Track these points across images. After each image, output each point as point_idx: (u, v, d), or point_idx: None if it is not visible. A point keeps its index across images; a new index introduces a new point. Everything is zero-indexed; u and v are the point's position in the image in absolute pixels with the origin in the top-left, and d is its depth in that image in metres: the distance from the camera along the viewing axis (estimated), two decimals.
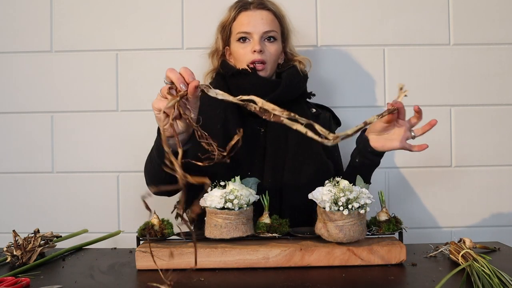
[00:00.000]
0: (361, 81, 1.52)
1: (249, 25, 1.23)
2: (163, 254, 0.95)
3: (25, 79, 1.54)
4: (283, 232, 1.02)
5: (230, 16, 1.27)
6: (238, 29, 1.25)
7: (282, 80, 1.25)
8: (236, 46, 1.26)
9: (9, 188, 1.54)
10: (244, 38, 1.25)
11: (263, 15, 1.24)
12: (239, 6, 1.27)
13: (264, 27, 1.23)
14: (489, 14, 1.52)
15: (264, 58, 1.23)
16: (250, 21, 1.24)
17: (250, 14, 1.25)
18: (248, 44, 1.24)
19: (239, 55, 1.26)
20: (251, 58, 1.23)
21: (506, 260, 1.01)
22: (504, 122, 1.53)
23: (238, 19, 1.26)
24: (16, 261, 1.02)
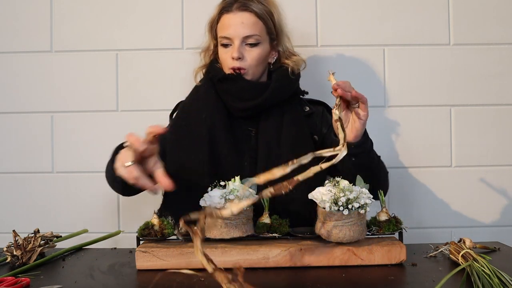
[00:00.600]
0: (361, 81, 1.52)
1: (229, 29, 1.19)
2: (163, 254, 0.95)
3: (25, 79, 1.54)
4: (283, 232, 1.02)
5: (215, 15, 1.24)
6: (220, 33, 1.21)
7: (271, 83, 1.22)
8: (220, 50, 1.23)
9: (9, 188, 1.54)
10: (225, 44, 1.21)
11: (244, 18, 1.18)
12: (222, 7, 1.22)
13: (244, 32, 1.18)
14: (489, 14, 1.52)
15: (243, 65, 1.19)
16: (230, 25, 1.19)
17: (231, 17, 1.19)
18: (229, 49, 1.21)
19: (222, 59, 1.23)
20: (231, 65, 1.20)
21: (506, 260, 1.01)
22: (504, 122, 1.53)
23: (220, 22, 1.22)
24: (16, 261, 1.02)
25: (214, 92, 1.24)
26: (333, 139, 1.22)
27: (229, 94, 1.22)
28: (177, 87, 1.53)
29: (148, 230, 1.01)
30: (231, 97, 1.22)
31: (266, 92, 1.20)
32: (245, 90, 1.21)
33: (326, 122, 1.29)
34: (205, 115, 1.21)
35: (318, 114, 1.30)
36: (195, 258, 0.95)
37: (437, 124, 1.53)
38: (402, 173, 1.52)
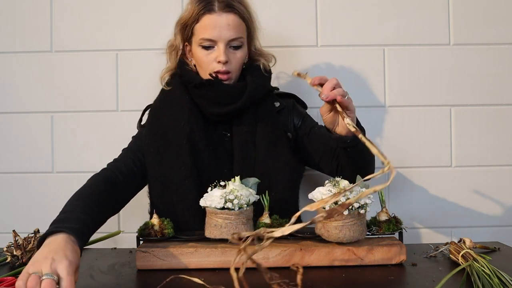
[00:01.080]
0: (361, 81, 1.52)
1: (213, 31, 1.12)
2: (163, 254, 0.95)
3: (25, 79, 1.54)
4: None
5: (192, 14, 1.15)
6: (202, 34, 1.14)
7: (248, 85, 1.18)
8: (199, 52, 1.17)
9: (9, 188, 1.53)
10: (207, 46, 1.15)
11: (229, 20, 1.13)
12: (203, 7, 1.14)
13: (230, 34, 1.13)
14: (489, 14, 1.52)
15: (229, 68, 1.16)
16: (215, 26, 1.12)
17: (215, 18, 1.12)
18: (212, 52, 1.15)
19: (202, 62, 1.17)
20: (215, 68, 1.15)
21: (506, 260, 1.01)
22: (504, 122, 1.53)
23: (201, 22, 1.14)
24: (16, 261, 1.02)
25: (188, 97, 1.20)
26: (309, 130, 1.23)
27: (206, 99, 1.18)
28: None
29: (148, 230, 1.01)
30: (207, 102, 1.18)
31: (244, 96, 1.17)
32: (223, 95, 1.17)
33: (297, 114, 1.28)
34: (183, 122, 1.16)
35: (289, 108, 1.28)
36: (195, 258, 0.95)
37: (437, 124, 1.53)
38: (402, 173, 1.52)
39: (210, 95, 1.17)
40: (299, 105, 1.33)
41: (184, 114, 1.18)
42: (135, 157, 1.19)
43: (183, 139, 1.15)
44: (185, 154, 1.14)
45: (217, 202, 0.96)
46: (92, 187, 1.06)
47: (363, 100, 1.52)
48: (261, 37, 1.29)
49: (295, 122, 1.27)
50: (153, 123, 1.22)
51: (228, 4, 1.14)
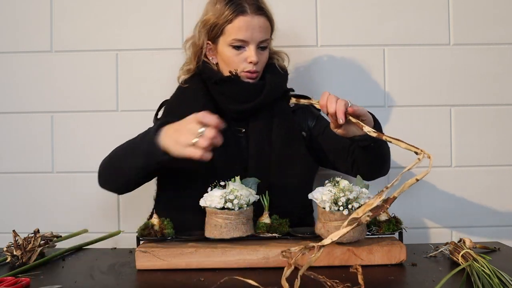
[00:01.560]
0: (361, 81, 1.52)
1: (247, 32, 1.16)
2: (163, 254, 0.95)
3: (25, 79, 1.54)
4: (283, 232, 1.02)
5: (222, 14, 1.17)
6: (235, 35, 1.17)
7: (266, 84, 1.21)
8: (228, 51, 1.19)
9: (9, 188, 1.53)
10: (238, 46, 1.18)
11: (260, 22, 1.18)
12: (236, 8, 1.17)
13: (261, 36, 1.18)
14: (489, 14, 1.52)
15: (258, 68, 1.20)
16: (248, 28, 1.16)
17: (248, 20, 1.16)
18: (242, 52, 1.19)
19: (231, 61, 1.20)
20: (246, 68, 1.19)
21: (506, 260, 1.01)
22: (504, 122, 1.53)
23: (234, 23, 1.17)
24: (16, 261, 1.02)
25: (203, 93, 1.22)
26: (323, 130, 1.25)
27: (225, 95, 1.21)
28: (177, 87, 1.53)
29: (148, 230, 1.01)
30: (226, 99, 1.21)
31: (262, 94, 1.20)
32: (242, 92, 1.20)
33: (311, 115, 1.30)
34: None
35: (303, 109, 1.30)
36: (195, 258, 0.95)
37: (437, 124, 1.53)
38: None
39: (229, 92, 1.20)
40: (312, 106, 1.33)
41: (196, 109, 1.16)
42: None
43: None
44: None
45: (217, 202, 0.96)
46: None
47: (363, 100, 1.51)
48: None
49: (309, 123, 1.29)
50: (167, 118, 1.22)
51: (258, 7, 1.19)
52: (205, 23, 1.22)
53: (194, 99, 1.22)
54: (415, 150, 0.73)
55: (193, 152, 0.92)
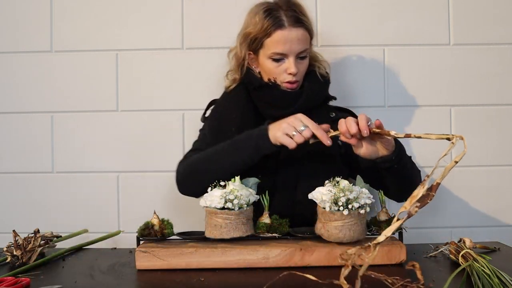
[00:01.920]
0: (361, 81, 1.52)
1: (285, 46, 1.19)
2: (163, 254, 0.95)
3: (25, 79, 1.54)
4: (283, 232, 1.02)
5: (261, 28, 1.20)
6: (273, 48, 1.19)
7: (304, 92, 1.23)
8: (269, 64, 1.22)
9: (9, 188, 1.53)
10: (278, 59, 1.21)
11: (299, 35, 1.19)
12: (274, 22, 1.18)
13: (299, 48, 1.20)
14: (489, 14, 1.52)
15: (297, 78, 1.22)
16: (286, 41, 1.18)
17: (286, 34, 1.18)
18: (282, 64, 1.21)
19: (272, 73, 1.23)
20: (286, 79, 1.22)
21: (506, 260, 1.01)
22: (504, 122, 1.53)
23: (273, 37, 1.19)
24: (16, 261, 1.02)
25: (245, 98, 1.27)
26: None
27: (263, 101, 1.25)
28: (177, 87, 1.53)
29: (148, 230, 1.01)
30: (265, 104, 1.25)
31: (299, 101, 1.22)
32: (280, 98, 1.23)
33: None
34: (235, 114, 1.25)
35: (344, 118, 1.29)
36: (195, 258, 0.95)
37: (437, 124, 1.53)
38: None
39: (268, 98, 1.24)
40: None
41: (238, 109, 1.26)
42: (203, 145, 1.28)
43: (232, 126, 1.22)
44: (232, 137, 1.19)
45: (217, 202, 0.96)
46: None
47: (363, 100, 1.52)
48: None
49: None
50: (212, 115, 1.31)
51: (296, 20, 1.19)
52: (245, 36, 1.25)
53: (235, 104, 1.27)
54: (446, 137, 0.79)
55: (288, 141, 1.05)
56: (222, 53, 1.52)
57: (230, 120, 1.24)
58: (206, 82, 1.52)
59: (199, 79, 1.53)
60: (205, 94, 1.53)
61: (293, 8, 1.20)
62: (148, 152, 1.53)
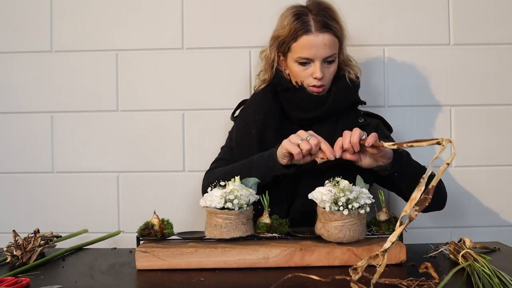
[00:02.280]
0: (361, 81, 1.52)
1: (310, 51, 1.19)
2: (163, 254, 0.95)
3: (25, 79, 1.54)
4: (283, 232, 1.02)
5: (289, 32, 1.20)
6: (299, 53, 1.20)
7: (331, 95, 1.23)
8: (295, 67, 1.23)
9: (9, 188, 1.53)
10: (304, 63, 1.21)
11: (325, 40, 1.19)
12: (301, 27, 1.18)
13: (325, 53, 1.19)
14: (489, 14, 1.52)
15: (323, 82, 1.22)
16: (312, 47, 1.18)
17: (312, 39, 1.18)
18: (308, 68, 1.22)
19: (298, 76, 1.24)
20: (311, 82, 1.22)
21: (506, 260, 1.01)
22: (504, 122, 1.53)
23: (299, 42, 1.19)
24: (16, 261, 1.02)
25: (272, 98, 1.28)
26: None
27: (290, 103, 1.26)
28: (177, 87, 1.53)
29: (148, 230, 1.01)
30: (291, 106, 1.26)
31: (326, 104, 1.22)
32: (306, 101, 1.23)
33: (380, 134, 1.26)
34: (258, 116, 1.25)
35: (373, 125, 1.29)
36: (195, 258, 0.95)
37: (437, 124, 1.53)
38: None
39: (295, 100, 1.25)
40: (384, 127, 1.33)
41: (262, 110, 1.27)
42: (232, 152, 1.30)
43: (253, 128, 1.24)
44: (254, 143, 1.22)
45: (217, 202, 0.96)
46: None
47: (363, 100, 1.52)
48: (266, 38, 1.29)
49: None
50: (240, 116, 1.33)
51: (324, 25, 1.19)
52: (275, 39, 1.26)
53: (262, 103, 1.28)
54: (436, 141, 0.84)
55: (293, 148, 1.04)
56: (222, 53, 1.53)
57: (253, 122, 1.26)
58: (206, 82, 1.53)
59: (199, 79, 1.53)
60: (204, 94, 1.53)
61: (322, 13, 1.19)
62: (148, 152, 1.53)
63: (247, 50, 1.53)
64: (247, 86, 1.52)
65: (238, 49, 1.52)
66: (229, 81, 1.52)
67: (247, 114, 1.30)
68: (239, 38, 1.52)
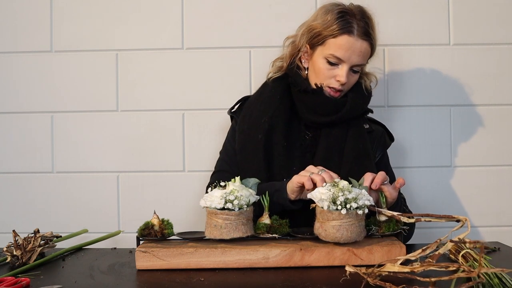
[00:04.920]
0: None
1: (346, 53, 1.16)
2: (163, 254, 0.95)
3: (25, 79, 1.54)
4: (283, 232, 1.02)
5: (330, 26, 1.16)
6: (333, 51, 1.17)
7: (348, 102, 1.22)
8: (321, 63, 1.20)
9: (9, 188, 1.54)
10: (333, 62, 1.18)
11: (363, 47, 1.17)
12: (344, 26, 1.16)
13: (358, 60, 1.18)
14: (489, 14, 1.52)
15: (343, 88, 1.21)
16: (348, 49, 1.16)
17: (352, 41, 1.15)
18: (335, 69, 1.19)
19: (321, 73, 1.20)
20: (332, 84, 1.20)
21: (506, 260, 1.01)
22: (504, 122, 1.53)
23: (338, 40, 1.16)
24: (16, 261, 1.02)
25: (282, 91, 1.25)
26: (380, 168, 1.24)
27: (305, 105, 1.23)
28: (177, 87, 1.53)
29: (148, 230, 1.01)
30: (306, 108, 1.23)
31: (342, 110, 1.21)
32: (322, 105, 1.21)
33: (382, 146, 1.30)
34: (264, 119, 1.22)
35: (378, 134, 1.30)
36: (195, 258, 0.95)
37: (437, 124, 1.53)
38: (402, 173, 1.52)
39: (311, 103, 1.22)
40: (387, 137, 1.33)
41: (269, 111, 1.23)
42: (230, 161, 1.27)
43: (259, 134, 1.21)
44: (260, 148, 1.20)
45: (217, 203, 0.96)
46: None
47: None
48: (266, 38, 1.29)
49: (377, 153, 1.29)
50: (244, 115, 1.28)
51: (366, 32, 1.17)
52: (310, 28, 1.21)
53: (269, 103, 1.25)
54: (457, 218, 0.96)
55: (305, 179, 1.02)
56: (222, 53, 1.53)
57: (259, 125, 1.22)
58: (206, 82, 1.53)
59: (199, 79, 1.53)
60: (204, 94, 1.53)
61: (365, 20, 1.18)
62: (148, 152, 1.53)
63: (247, 50, 1.53)
64: (247, 86, 1.52)
65: (238, 49, 1.52)
66: (229, 81, 1.52)
67: (252, 115, 1.26)
68: (239, 38, 1.52)
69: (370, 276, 0.78)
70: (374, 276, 0.78)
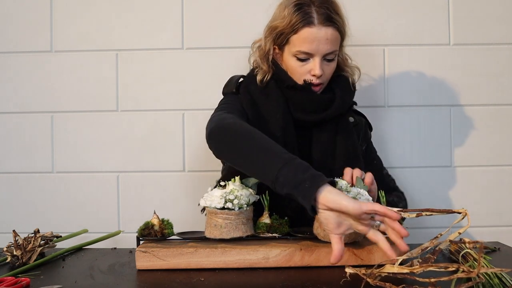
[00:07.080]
0: (361, 81, 1.52)
1: (311, 45, 1.11)
2: (163, 254, 0.95)
3: (25, 79, 1.54)
4: (283, 232, 1.02)
5: (289, 23, 1.12)
6: (299, 46, 1.12)
7: (336, 100, 1.18)
8: (292, 62, 1.15)
9: (9, 188, 1.54)
10: (303, 58, 1.13)
11: (328, 34, 1.11)
12: (303, 18, 1.10)
13: (327, 48, 1.12)
14: (489, 14, 1.52)
15: (322, 80, 1.16)
16: (313, 40, 1.10)
17: (314, 32, 1.10)
18: (306, 64, 1.14)
19: (295, 72, 1.16)
20: (308, 79, 1.15)
21: (506, 260, 1.01)
22: (504, 122, 1.53)
23: (300, 34, 1.11)
24: (16, 261, 1.02)
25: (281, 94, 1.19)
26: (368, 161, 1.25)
27: (293, 102, 1.18)
28: (177, 87, 1.53)
29: (148, 230, 1.01)
30: (293, 106, 1.18)
31: (330, 109, 1.17)
32: (312, 102, 1.17)
33: (365, 137, 1.29)
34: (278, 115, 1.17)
35: (361, 126, 1.28)
36: (195, 258, 0.95)
37: (437, 124, 1.53)
38: (402, 172, 1.52)
39: (298, 100, 1.17)
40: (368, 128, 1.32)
41: (279, 108, 1.18)
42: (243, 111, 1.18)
43: (278, 131, 1.15)
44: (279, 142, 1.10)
45: (217, 202, 0.96)
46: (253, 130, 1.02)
47: (363, 100, 1.52)
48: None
49: (363, 146, 1.28)
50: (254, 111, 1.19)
51: (327, 18, 1.11)
52: (271, 29, 1.17)
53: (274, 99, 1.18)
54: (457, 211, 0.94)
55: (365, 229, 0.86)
56: (222, 53, 1.53)
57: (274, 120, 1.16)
58: (206, 82, 1.53)
59: (199, 79, 1.53)
60: (205, 94, 1.53)
61: (326, 5, 1.11)
62: (148, 152, 1.53)
63: (247, 50, 1.52)
64: None
65: (238, 49, 1.52)
66: None
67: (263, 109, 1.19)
68: (239, 38, 1.52)
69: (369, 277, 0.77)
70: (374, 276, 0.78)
